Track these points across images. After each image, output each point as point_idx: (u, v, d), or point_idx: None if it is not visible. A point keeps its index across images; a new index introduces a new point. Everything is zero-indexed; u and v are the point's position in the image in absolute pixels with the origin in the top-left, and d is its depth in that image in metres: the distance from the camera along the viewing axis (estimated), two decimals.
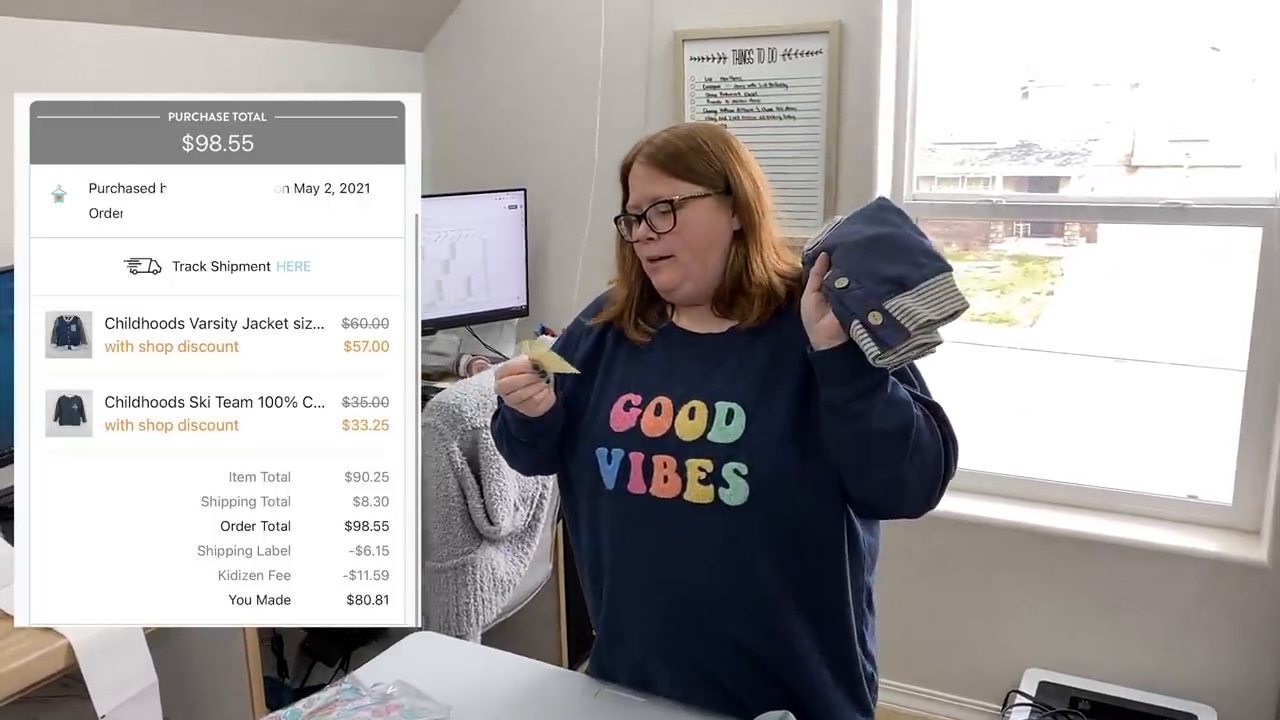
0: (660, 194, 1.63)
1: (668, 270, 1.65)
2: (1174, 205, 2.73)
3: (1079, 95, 2.96)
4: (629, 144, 1.72)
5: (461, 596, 2.44)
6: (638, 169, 1.67)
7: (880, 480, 1.54)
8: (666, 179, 1.64)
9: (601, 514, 1.67)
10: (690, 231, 1.63)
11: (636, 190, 1.67)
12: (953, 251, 3.43)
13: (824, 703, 1.65)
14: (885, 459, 1.50)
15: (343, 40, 3.24)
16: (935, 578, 3.09)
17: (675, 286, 1.66)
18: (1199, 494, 2.90)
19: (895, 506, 1.59)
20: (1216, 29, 2.68)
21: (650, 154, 1.66)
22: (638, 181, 1.67)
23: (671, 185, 1.63)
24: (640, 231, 1.65)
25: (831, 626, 1.64)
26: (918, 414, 1.50)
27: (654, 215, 1.63)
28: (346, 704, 1.57)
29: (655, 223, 1.63)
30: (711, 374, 1.63)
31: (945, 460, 1.56)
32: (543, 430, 1.69)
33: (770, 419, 1.56)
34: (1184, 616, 2.81)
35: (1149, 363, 3.39)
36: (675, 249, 1.63)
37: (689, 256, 1.64)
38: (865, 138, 2.96)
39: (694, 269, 1.65)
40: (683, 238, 1.63)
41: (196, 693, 2.15)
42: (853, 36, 2.92)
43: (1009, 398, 3.63)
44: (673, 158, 1.65)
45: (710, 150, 1.66)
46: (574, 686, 1.76)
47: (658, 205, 1.63)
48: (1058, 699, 2.83)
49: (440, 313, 3.29)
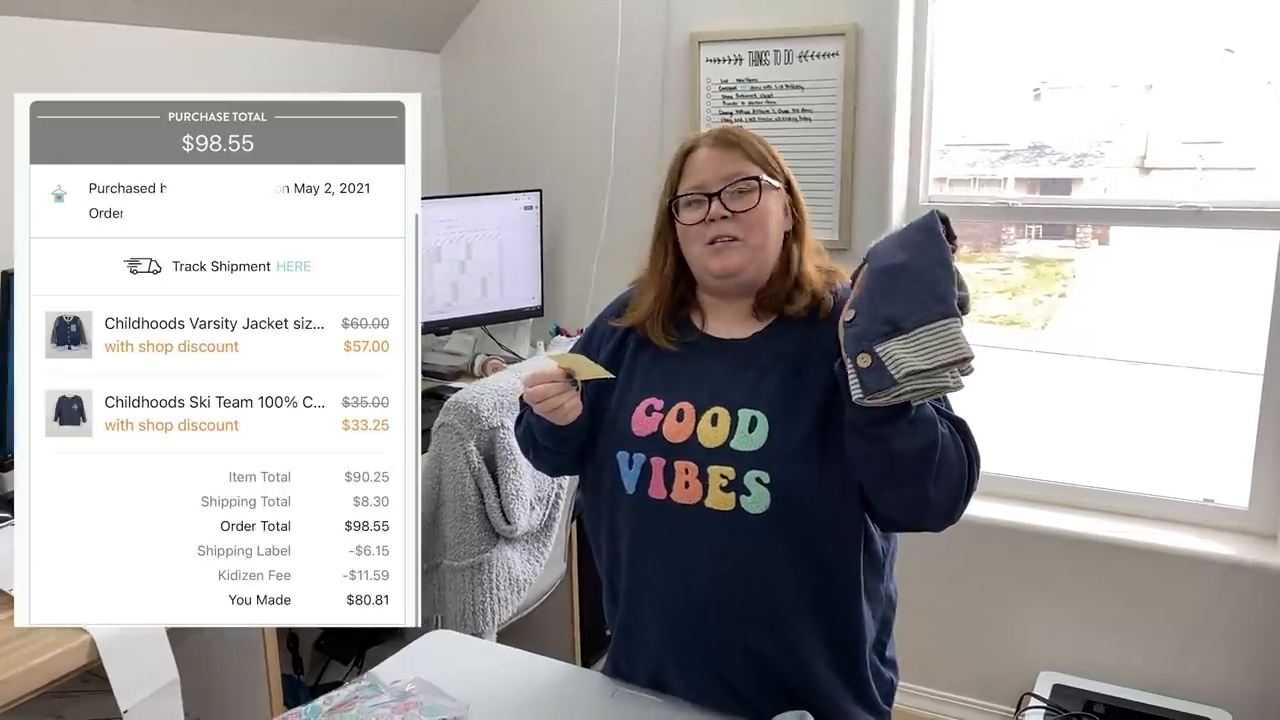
0: (739, 171, 1.61)
1: (736, 252, 1.61)
2: (1190, 208, 2.70)
3: (1092, 97, 2.95)
4: (645, 146, 1.71)
5: (477, 595, 2.44)
6: (707, 151, 1.64)
7: (903, 498, 1.53)
8: (746, 161, 1.62)
9: (621, 517, 1.66)
10: (766, 216, 1.62)
11: (707, 170, 1.63)
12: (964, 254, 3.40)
13: (837, 710, 1.64)
14: (908, 479, 1.49)
15: (359, 41, 3.25)
16: (948, 580, 3.08)
17: (739, 270, 1.63)
18: (1215, 497, 2.87)
19: (918, 523, 1.58)
20: (1231, 31, 2.66)
21: (721, 136, 1.65)
22: (709, 162, 1.63)
23: (752, 166, 1.62)
24: (713, 210, 1.60)
25: (846, 635, 1.63)
26: (943, 433, 1.49)
27: (731, 194, 1.60)
28: (366, 701, 1.57)
29: (733, 202, 1.60)
30: (735, 380, 1.62)
31: (969, 477, 1.55)
32: (570, 436, 1.68)
33: (793, 427, 1.55)
34: (1199, 620, 2.79)
35: (1161, 365, 3.37)
36: (748, 231, 1.61)
37: (759, 240, 1.62)
38: (881, 139, 2.95)
39: (760, 255, 1.63)
40: (759, 220, 1.61)
41: (217, 689, 2.15)
42: (869, 38, 2.91)
43: (1021, 400, 3.60)
44: (752, 146, 1.64)
45: (768, 150, 1.66)
46: (590, 685, 1.76)
47: (739, 182, 1.60)
48: (1071, 702, 2.81)
49: (456, 313, 3.29)
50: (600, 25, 3.24)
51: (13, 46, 2.31)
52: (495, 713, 1.63)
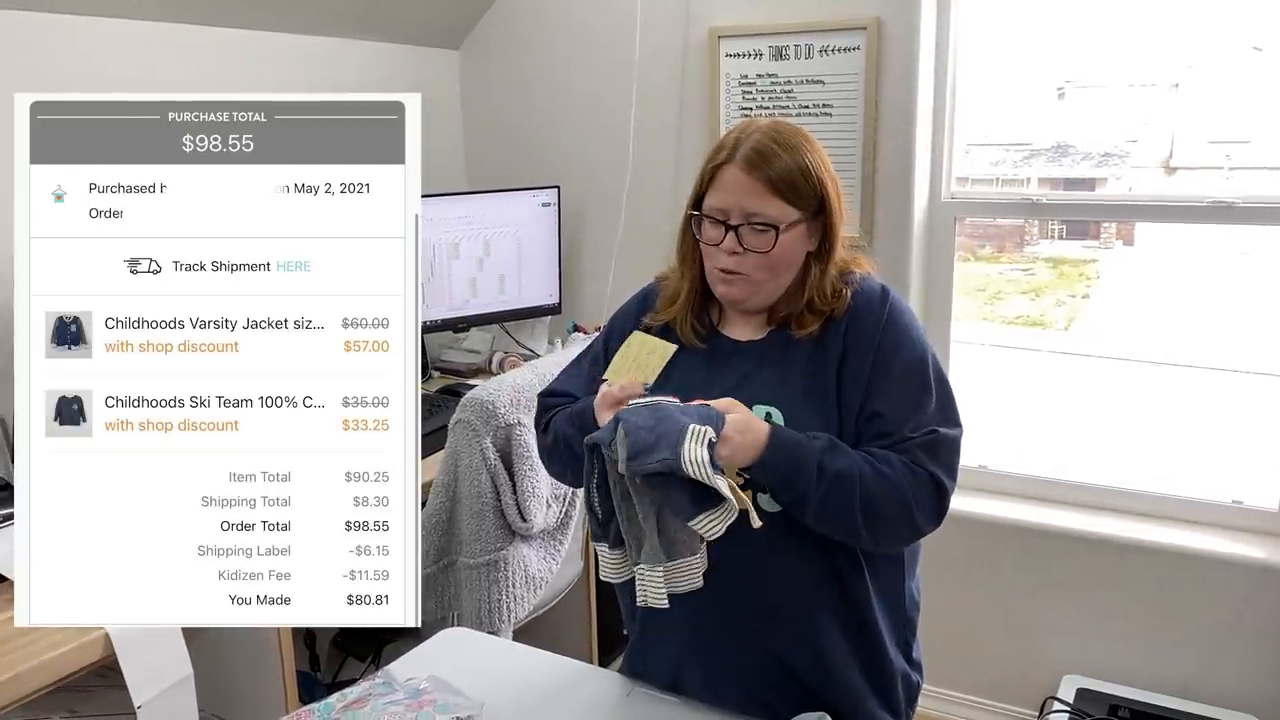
0: (760, 211, 1.55)
1: (739, 286, 1.60)
2: (1220, 204, 2.66)
3: (1116, 96, 2.91)
4: (663, 142, 1.69)
5: (493, 593, 2.44)
6: (735, 173, 1.56)
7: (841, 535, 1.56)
8: (771, 198, 1.55)
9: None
10: (779, 258, 1.58)
11: (730, 196, 1.57)
12: (987, 254, 3.39)
13: (859, 710, 1.64)
14: (836, 529, 1.53)
15: (378, 38, 3.25)
16: (972, 582, 3.06)
17: (743, 302, 1.62)
18: (1244, 499, 2.84)
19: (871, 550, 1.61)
20: (1258, 28, 2.62)
21: (753, 159, 1.56)
22: (733, 188, 1.56)
23: (776, 206, 1.55)
24: (727, 243, 1.57)
25: (865, 633, 1.63)
26: (862, 482, 1.49)
27: (749, 233, 1.56)
28: (380, 698, 1.58)
29: (750, 241, 1.56)
30: (750, 378, 1.62)
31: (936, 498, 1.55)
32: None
33: (808, 425, 1.55)
34: (1227, 623, 2.75)
35: (1186, 367, 3.33)
36: (757, 270, 1.58)
37: (766, 277, 1.59)
38: (903, 136, 2.92)
39: (767, 290, 1.61)
40: (771, 263, 1.58)
41: (231, 685, 2.17)
42: (891, 33, 2.88)
43: (1045, 401, 3.57)
44: (781, 176, 1.55)
45: (812, 168, 1.58)
46: (606, 684, 1.77)
47: (755, 224, 1.55)
48: (1096, 706, 2.78)
49: (474, 310, 3.30)
50: (619, 21, 3.23)
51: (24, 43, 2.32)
52: (509, 711, 1.64)
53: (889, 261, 2.94)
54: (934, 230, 3.04)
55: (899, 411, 1.55)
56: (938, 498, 1.54)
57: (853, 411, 1.56)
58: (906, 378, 1.58)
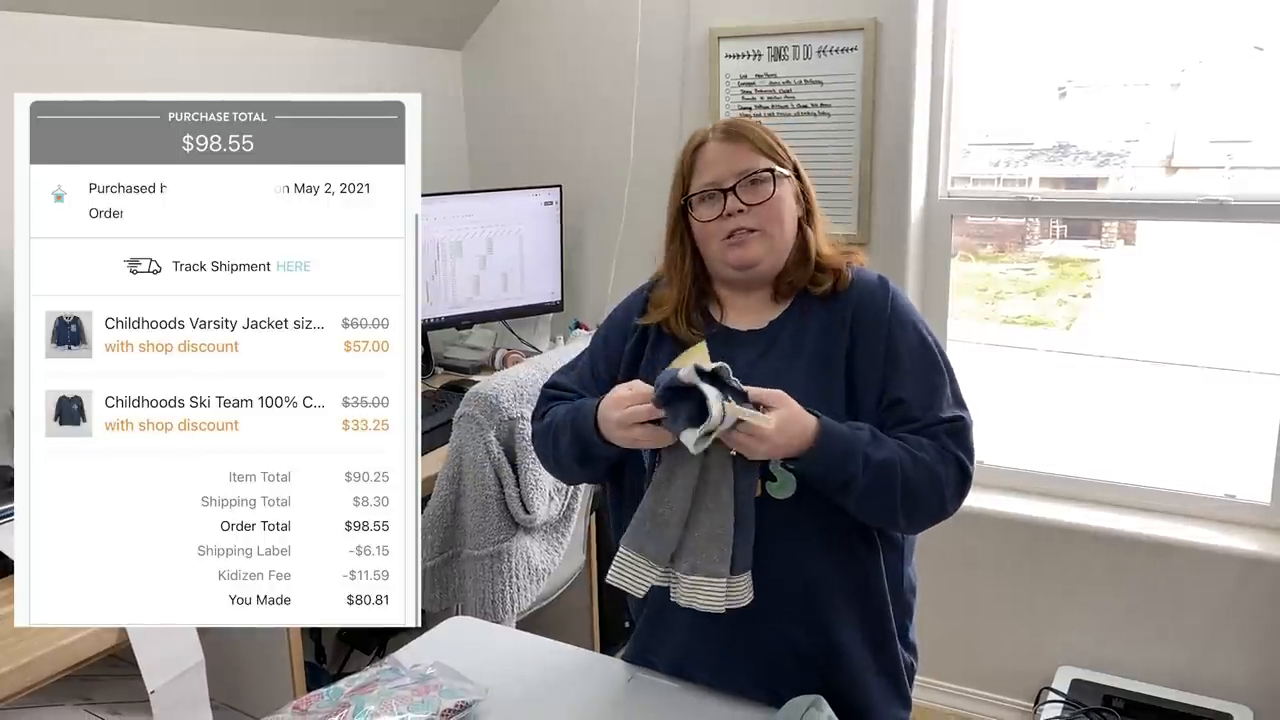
0: (751, 166, 1.64)
1: (756, 244, 1.64)
2: (1212, 202, 2.67)
3: (1117, 96, 2.91)
4: (664, 141, 1.72)
5: (497, 584, 2.45)
6: (716, 146, 1.67)
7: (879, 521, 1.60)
8: (756, 153, 1.65)
9: None
10: (781, 206, 1.65)
11: (719, 166, 1.65)
12: (988, 253, 3.39)
13: (866, 694, 1.66)
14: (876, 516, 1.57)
15: (381, 39, 3.26)
16: (969, 574, 3.07)
17: (759, 261, 1.66)
18: (1237, 493, 2.86)
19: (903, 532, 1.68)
20: (1259, 27, 2.62)
21: (729, 130, 1.67)
22: (719, 158, 1.66)
23: (759, 159, 1.64)
24: (730, 205, 1.63)
25: (875, 617, 1.66)
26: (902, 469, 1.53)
27: (745, 188, 1.63)
28: (387, 683, 1.60)
29: (747, 194, 1.63)
30: (756, 367, 1.62)
31: (960, 481, 1.59)
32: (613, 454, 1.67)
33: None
34: (1221, 615, 2.77)
35: (1185, 366, 3.33)
36: (765, 223, 1.64)
37: (777, 230, 1.65)
38: (900, 135, 2.94)
39: (779, 244, 1.66)
40: (775, 211, 1.64)
41: (241, 675, 2.20)
42: (888, 33, 2.90)
43: (1045, 398, 3.58)
44: (759, 138, 1.66)
45: (773, 139, 1.68)
46: (608, 670, 1.79)
47: (754, 175, 1.63)
48: (1091, 697, 2.80)
49: (476, 307, 3.31)
50: (620, 22, 3.25)
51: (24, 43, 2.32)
52: (513, 696, 1.66)
53: (886, 260, 2.95)
54: (931, 229, 3.05)
55: (920, 396, 1.60)
56: (962, 480, 1.59)
57: (871, 398, 1.59)
58: (920, 362, 1.63)
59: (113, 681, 1.94)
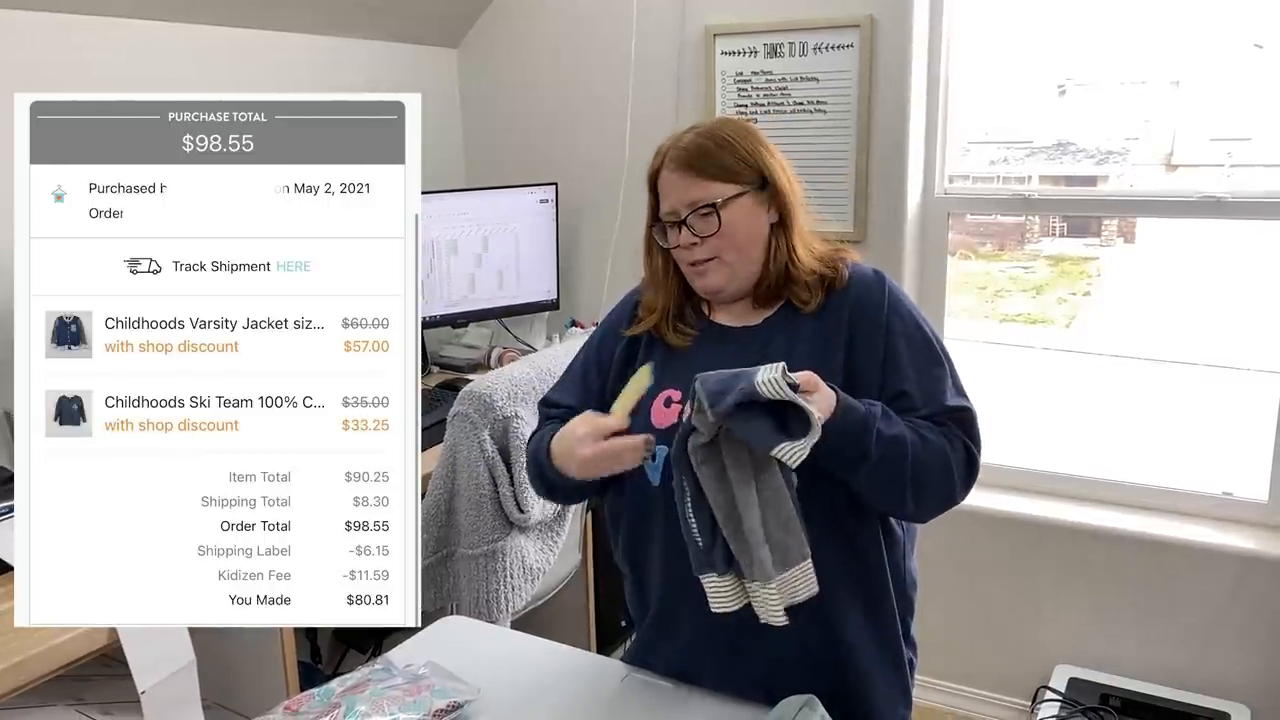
0: (699, 198, 1.61)
1: (714, 273, 1.64)
2: (1210, 199, 2.67)
3: (1117, 94, 2.91)
4: (660, 139, 1.70)
5: (491, 583, 2.45)
6: (668, 175, 1.65)
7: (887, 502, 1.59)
8: (702, 182, 1.62)
9: (650, 512, 1.67)
10: (735, 231, 1.62)
11: (671, 197, 1.64)
12: (988, 251, 3.39)
13: (871, 691, 1.66)
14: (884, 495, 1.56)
15: (376, 37, 3.25)
16: (967, 573, 3.08)
17: (722, 288, 1.65)
18: (1234, 491, 2.86)
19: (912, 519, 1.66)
20: (1259, 25, 2.62)
21: (679, 158, 1.63)
22: (671, 188, 1.64)
23: (709, 188, 1.61)
24: (683, 238, 1.62)
25: (879, 612, 1.65)
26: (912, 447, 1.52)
27: (695, 220, 1.61)
28: (379, 683, 1.60)
29: (698, 227, 1.61)
30: (749, 364, 1.60)
31: (968, 468, 1.59)
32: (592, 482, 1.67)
33: None
34: (1218, 613, 2.78)
35: (1184, 364, 3.34)
36: (721, 250, 1.62)
37: (735, 256, 1.63)
38: (896, 132, 2.94)
39: (740, 268, 1.64)
40: (728, 239, 1.62)
41: (233, 675, 2.20)
42: (884, 30, 2.90)
43: (1044, 396, 3.59)
44: (704, 158, 1.62)
45: (740, 144, 1.64)
46: (602, 670, 1.79)
47: (698, 209, 1.61)
48: (1088, 695, 2.80)
49: (472, 305, 3.31)
50: (616, 19, 3.25)
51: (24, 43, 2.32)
52: (506, 697, 1.66)
53: (882, 257, 2.95)
54: (927, 226, 3.06)
55: (922, 388, 1.60)
56: (970, 466, 1.59)
57: (870, 394, 1.58)
58: (920, 355, 1.62)
59: (104, 681, 1.93)
